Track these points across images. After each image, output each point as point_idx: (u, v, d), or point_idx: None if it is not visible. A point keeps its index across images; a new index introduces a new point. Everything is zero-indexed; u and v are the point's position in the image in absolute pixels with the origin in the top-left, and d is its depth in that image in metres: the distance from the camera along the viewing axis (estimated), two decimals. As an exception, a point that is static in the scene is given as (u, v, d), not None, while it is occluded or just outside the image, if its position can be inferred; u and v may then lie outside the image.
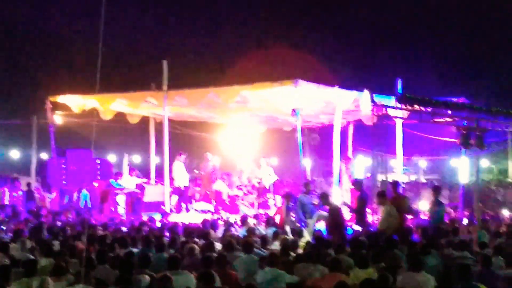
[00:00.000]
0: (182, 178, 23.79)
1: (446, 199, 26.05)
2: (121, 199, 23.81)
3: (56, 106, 23.31)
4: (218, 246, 13.49)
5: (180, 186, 23.64)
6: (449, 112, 18.00)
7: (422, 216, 20.84)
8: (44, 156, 33.93)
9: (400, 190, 18.46)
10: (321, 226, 16.85)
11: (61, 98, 22.92)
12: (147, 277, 10.17)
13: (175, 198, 23.83)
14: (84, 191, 25.54)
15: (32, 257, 12.58)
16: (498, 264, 11.50)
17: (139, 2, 42.60)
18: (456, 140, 18.01)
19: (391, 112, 18.40)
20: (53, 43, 40.97)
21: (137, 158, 38.67)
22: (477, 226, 16.61)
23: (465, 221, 19.87)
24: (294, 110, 18.50)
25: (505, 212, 23.09)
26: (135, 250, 12.94)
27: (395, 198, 17.15)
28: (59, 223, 18.47)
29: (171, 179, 23.07)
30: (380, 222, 16.66)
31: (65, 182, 27.52)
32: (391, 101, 18.72)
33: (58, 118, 23.87)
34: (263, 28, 41.94)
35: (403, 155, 23.88)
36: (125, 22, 42.52)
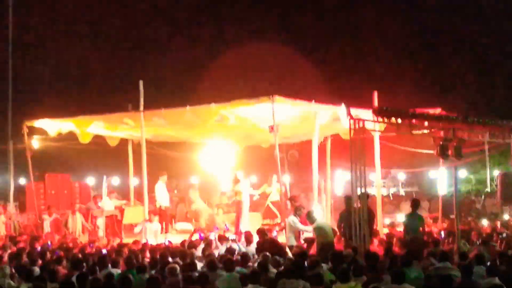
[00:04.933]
0: (163, 198, 23.71)
1: (425, 211, 26.17)
2: (100, 221, 23.70)
3: (32, 131, 23.19)
4: (199, 265, 13.48)
5: (161, 207, 23.56)
6: (426, 123, 18.08)
7: (398, 228, 20.91)
8: (22, 181, 33.68)
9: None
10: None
11: (38, 123, 22.79)
12: (128, 299, 10.12)
13: (155, 218, 23.77)
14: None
15: (12, 283, 12.50)
16: (479, 273, 11.54)
17: (112, 23, 42.42)
18: (433, 152, 18.08)
19: (368, 125, 18.44)
20: (26, 67, 40.76)
21: (116, 180, 38.47)
22: (457, 236, 16.66)
23: (444, 232, 19.96)
24: (271, 127, 18.50)
25: (484, 222, 23.19)
26: (115, 271, 12.88)
27: None
28: (38, 248, 18.31)
29: (152, 199, 23.02)
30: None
31: (43, 207, 27.26)
32: (368, 114, 18.76)
33: (35, 143, 23.74)
34: (239, 44, 41.97)
35: (382, 168, 23.94)
36: (100, 44, 42.48)
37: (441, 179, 24.57)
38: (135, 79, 21.89)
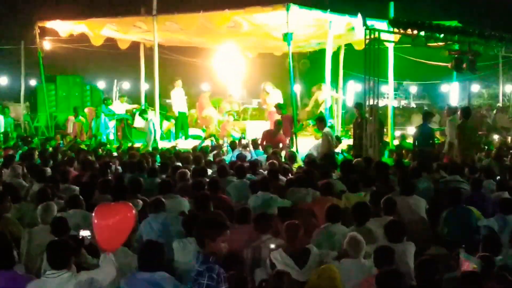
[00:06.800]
0: (180, 104, 23.65)
1: (436, 124, 26.11)
2: (111, 125, 23.74)
3: (44, 31, 23.01)
4: (210, 171, 13.56)
5: (176, 113, 23.57)
6: (442, 35, 17.86)
7: (409, 140, 20.89)
8: (33, 82, 33.69)
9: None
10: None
11: (50, 24, 22.59)
12: (140, 202, 10.21)
13: (166, 123, 23.85)
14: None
15: (24, 183, 12.61)
16: (489, 187, 11.58)
17: None
18: (448, 64, 17.93)
19: (383, 36, 18.25)
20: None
21: (126, 85, 38.44)
22: (468, 149, 16.64)
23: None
24: (285, 35, 18.32)
25: (495, 136, 23.16)
26: (127, 175, 12.97)
27: None
28: (50, 149, 18.43)
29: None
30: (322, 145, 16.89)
31: (54, 109, 27.35)
32: (384, 25, 18.55)
33: (47, 44, 23.59)
34: None
35: (394, 80, 23.81)
36: None
37: (453, 92, 24.41)
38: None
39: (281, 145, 17.98)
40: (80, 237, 7.43)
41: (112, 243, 6.86)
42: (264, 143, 18.10)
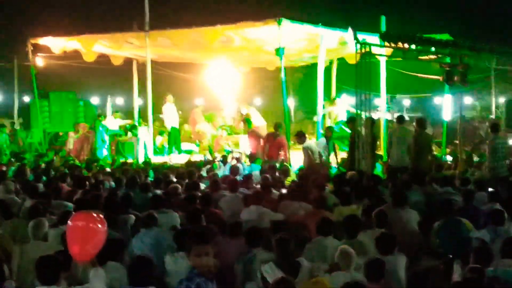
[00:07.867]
0: (172, 119, 23.73)
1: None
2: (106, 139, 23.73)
3: (37, 48, 23.05)
4: (203, 185, 13.58)
5: (169, 128, 23.64)
6: (433, 49, 17.92)
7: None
8: (27, 98, 33.71)
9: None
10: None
11: (43, 40, 22.63)
12: (132, 217, 10.23)
13: (159, 139, 23.88)
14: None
15: (17, 199, 12.59)
16: (481, 199, 11.59)
17: None
18: (439, 77, 17.97)
19: (374, 50, 18.28)
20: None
21: (120, 100, 38.40)
22: (460, 162, 16.69)
23: (448, 157, 19.99)
24: (278, 50, 18.37)
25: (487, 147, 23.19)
26: (120, 191, 12.96)
27: None
28: (43, 165, 18.42)
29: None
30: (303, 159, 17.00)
31: (48, 125, 27.32)
32: (375, 38, 18.60)
33: (39, 60, 23.63)
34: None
35: (387, 93, 23.86)
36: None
37: (446, 105, 24.46)
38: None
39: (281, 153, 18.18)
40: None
41: (79, 251, 6.84)
42: (266, 145, 18.32)
